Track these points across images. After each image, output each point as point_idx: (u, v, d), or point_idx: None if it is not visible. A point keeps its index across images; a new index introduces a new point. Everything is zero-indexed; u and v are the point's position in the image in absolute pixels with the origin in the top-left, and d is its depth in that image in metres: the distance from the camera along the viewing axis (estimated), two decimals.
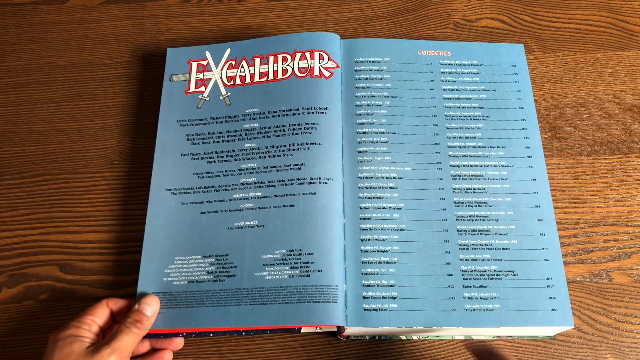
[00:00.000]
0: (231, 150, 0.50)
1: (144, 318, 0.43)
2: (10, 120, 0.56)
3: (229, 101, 0.52)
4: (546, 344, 0.48)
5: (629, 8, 0.63)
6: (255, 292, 0.45)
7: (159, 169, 0.51)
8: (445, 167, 0.50)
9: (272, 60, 0.53)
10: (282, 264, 0.45)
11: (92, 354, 0.39)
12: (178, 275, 0.47)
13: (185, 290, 0.46)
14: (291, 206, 0.47)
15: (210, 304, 0.45)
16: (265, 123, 0.51)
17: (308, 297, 0.44)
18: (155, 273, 0.47)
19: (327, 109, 0.50)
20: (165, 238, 0.48)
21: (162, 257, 0.47)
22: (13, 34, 0.61)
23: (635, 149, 0.56)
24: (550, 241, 0.48)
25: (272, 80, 0.52)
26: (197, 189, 0.49)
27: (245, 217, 0.48)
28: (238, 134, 0.51)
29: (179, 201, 0.49)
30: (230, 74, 0.53)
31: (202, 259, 0.47)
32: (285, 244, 0.46)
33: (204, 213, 0.48)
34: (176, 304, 0.45)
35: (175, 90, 0.54)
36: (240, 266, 0.46)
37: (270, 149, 0.50)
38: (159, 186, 0.50)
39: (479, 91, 0.54)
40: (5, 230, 0.51)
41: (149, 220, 0.49)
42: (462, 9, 0.63)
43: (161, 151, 0.51)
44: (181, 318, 0.45)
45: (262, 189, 0.48)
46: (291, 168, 0.48)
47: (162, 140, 0.52)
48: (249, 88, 0.53)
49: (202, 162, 0.50)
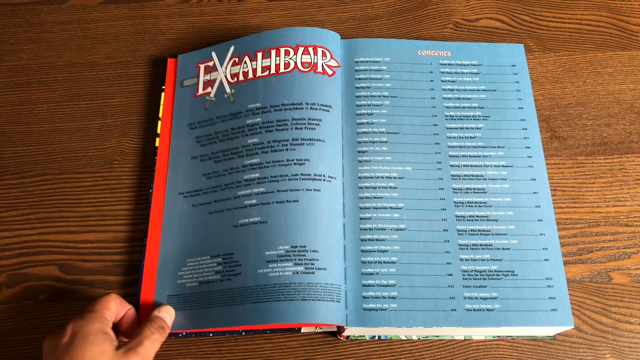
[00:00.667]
0: (235, 147, 0.50)
1: (166, 326, 0.43)
2: (10, 120, 0.56)
3: (232, 98, 0.52)
4: (546, 344, 0.48)
5: (629, 8, 0.63)
6: (259, 290, 0.44)
7: (173, 174, 0.51)
8: (445, 167, 0.50)
9: (274, 54, 0.52)
10: (286, 261, 0.45)
11: (121, 358, 0.38)
12: (190, 277, 0.47)
13: (197, 291, 0.46)
14: (295, 202, 0.46)
15: (219, 303, 0.45)
16: (268, 117, 0.50)
17: (313, 295, 0.43)
18: (170, 276, 0.47)
19: (330, 106, 0.50)
20: (179, 242, 0.48)
21: (176, 260, 0.48)
22: (12, 34, 0.61)
23: (635, 149, 0.56)
24: (550, 241, 0.48)
25: (275, 74, 0.51)
26: (205, 190, 0.49)
27: (249, 214, 0.47)
28: (241, 130, 0.50)
29: (191, 204, 0.49)
30: (234, 71, 0.53)
31: (210, 259, 0.47)
32: (288, 240, 0.45)
33: (212, 213, 0.48)
34: (188, 305, 0.46)
35: (186, 95, 0.54)
36: (245, 264, 0.46)
37: (273, 143, 0.49)
38: (173, 191, 0.50)
39: (479, 91, 0.54)
40: (5, 230, 0.51)
41: (165, 225, 0.49)
42: (462, 9, 0.63)
43: (174, 156, 0.52)
44: (192, 319, 0.45)
45: (265, 184, 0.48)
46: (294, 163, 0.48)
47: (175, 145, 0.52)
48: (252, 83, 0.52)
49: (210, 162, 0.50)
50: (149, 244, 0.49)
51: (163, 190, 0.51)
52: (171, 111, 0.54)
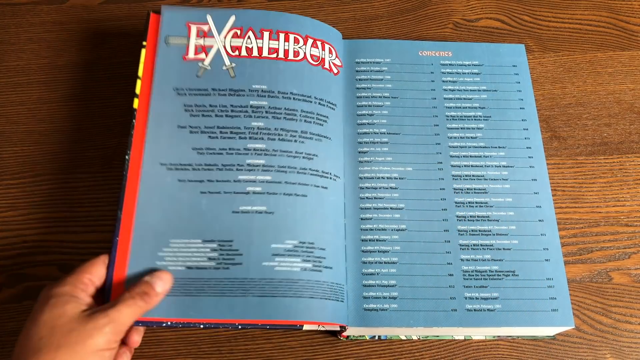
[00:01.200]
0: (236, 127, 0.47)
1: (152, 292, 0.39)
2: (10, 120, 0.56)
3: (233, 73, 0.49)
4: (546, 344, 0.48)
5: (629, 8, 0.63)
6: (265, 284, 0.42)
7: (153, 141, 0.46)
8: (446, 167, 0.50)
9: (282, 38, 0.50)
10: (294, 256, 0.43)
11: (86, 320, 0.35)
12: (174, 260, 0.43)
13: (184, 276, 0.42)
14: (304, 196, 0.45)
15: (213, 293, 0.42)
16: (275, 103, 0.48)
17: (321, 293, 0.43)
18: (147, 256, 0.43)
19: (335, 105, 0.50)
20: (160, 218, 0.44)
21: (156, 238, 0.43)
22: (13, 34, 0.60)
23: (635, 149, 0.56)
24: (551, 241, 0.48)
25: (283, 59, 0.49)
26: (196, 166, 0.46)
27: (253, 202, 0.45)
28: (244, 109, 0.47)
29: (176, 178, 0.45)
30: (235, 44, 0.50)
31: (202, 244, 0.43)
32: (297, 235, 0.44)
33: (205, 193, 0.45)
34: (173, 291, 0.42)
35: (172, 55, 0.49)
36: (247, 254, 0.43)
37: (281, 132, 0.47)
38: (152, 160, 0.45)
39: (479, 91, 0.54)
40: (5, 230, 0.51)
41: (141, 196, 0.44)
42: (462, 9, 0.63)
43: (155, 122, 0.47)
44: (178, 307, 0.41)
45: (272, 173, 0.45)
46: (303, 156, 0.46)
47: (157, 110, 0.47)
48: (257, 62, 0.49)
49: (203, 136, 0.47)
50: (124, 217, 0.44)
51: (141, 158, 0.46)
52: (152, 70, 0.49)
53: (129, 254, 0.43)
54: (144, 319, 0.41)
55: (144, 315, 0.40)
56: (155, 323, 0.41)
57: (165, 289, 0.41)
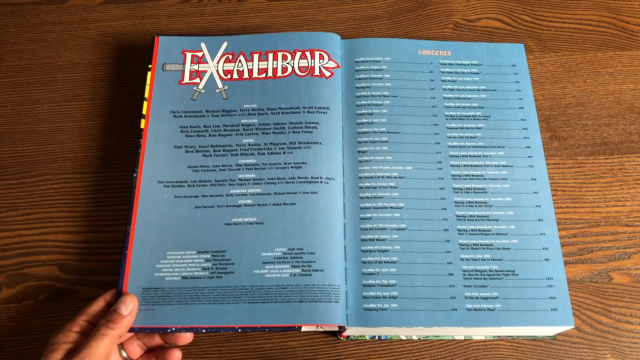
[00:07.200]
0: (228, 145, 0.50)
1: (117, 317, 0.42)
2: (10, 120, 0.56)
3: (225, 95, 0.52)
4: (546, 343, 0.48)
5: (629, 8, 0.63)
6: (255, 290, 0.45)
7: (151, 160, 0.49)
8: (445, 166, 0.50)
9: (271, 58, 0.53)
10: (283, 262, 0.45)
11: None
12: (171, 271, 0.46)
13: (179, 286, 0.45)
14: (292, 204, 0.47)
15: (207, 301, 0.44)
16: (265, 120, 0.51)
17: (310, 297, 0.44)
18: (145, 268, 0.46)
19: (327, 108, 0.51)
20: (157, 232, 0.47)
21: (154, 251, 0.46)
22: (13, 34, 0.61)
23: (635, 149, 0.56)
24: (551, 241, 0.48)
25: (272, 77, 0.52)
26: (191, 183, 0.49)
27: (244, 214, 0.47)
28: (235, 128, 0.51)
29: (172, 194, 0.48)
30: (227, 68, 0.53)
31: (197, 255, 0.46)
32: (286, 242, 0.46)
33: (199, 207, 0.48)
34: (169, 300, 0.45)
35: (168, 80, 0.53)
36: (239, 263, 0.46)
37: (270, 145, 0.49)
38: (150, 178, 0.49)
39: (479, 91, 0.54)
40: (5, 230, 0.51)
41: (140, 212, 0.47)
42: (462, 9, 0.63)
43: (153, 142, 0.50)
44: (174, 315, 0.44)
45: (262, 185, 0.48)
46: (292, 166, 0.48)
47: (154, 131, 0.51)
48: (247, 83, 0.52)
49: (197, 155, 0.50)
50: (133, 232, 0.47)
51: (140, 176, 0.49)
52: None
53: (129, 267, 0.46)
54: (144, 327, 0.44)
55: (147, 324, 0.44)
56: (158, 329, 0.44)
57: (131, 309, 0.43)
